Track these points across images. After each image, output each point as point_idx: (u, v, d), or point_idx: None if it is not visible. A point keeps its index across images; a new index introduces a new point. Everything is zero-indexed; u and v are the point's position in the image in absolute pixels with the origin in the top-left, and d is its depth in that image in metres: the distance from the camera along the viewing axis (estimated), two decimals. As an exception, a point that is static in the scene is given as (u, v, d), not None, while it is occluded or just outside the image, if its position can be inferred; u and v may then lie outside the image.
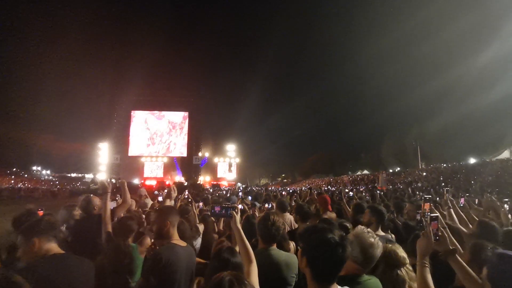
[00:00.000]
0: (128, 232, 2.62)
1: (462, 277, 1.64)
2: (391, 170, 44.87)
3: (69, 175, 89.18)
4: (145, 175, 33.20)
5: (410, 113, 61.47)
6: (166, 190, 3.89)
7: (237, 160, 39.25)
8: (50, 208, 3.96)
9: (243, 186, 32.06)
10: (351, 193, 8.10)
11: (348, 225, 3.33)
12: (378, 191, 10.91)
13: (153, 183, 29.29)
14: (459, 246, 1.93)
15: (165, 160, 34.95)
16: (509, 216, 3.66)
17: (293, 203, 5.88)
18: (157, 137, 35.13)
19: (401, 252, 1.97)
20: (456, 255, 1.67)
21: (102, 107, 36.37)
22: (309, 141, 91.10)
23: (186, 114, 36.10)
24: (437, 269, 1.78)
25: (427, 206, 2.10)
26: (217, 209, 2.09)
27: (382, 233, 2.93)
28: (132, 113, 34.64)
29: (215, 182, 33.07)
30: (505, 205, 4.22)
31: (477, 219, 3.18)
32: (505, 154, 33.14)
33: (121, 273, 2.07)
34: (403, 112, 67.12)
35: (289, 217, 4.24)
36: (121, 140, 34.06)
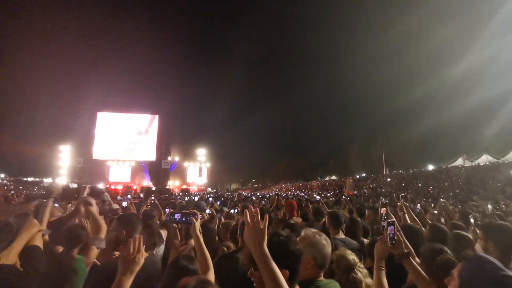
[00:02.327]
0: (76, 242, 2.41)
1: (414, 277, 1.74)
2: (357, 176, 46.55)
3: (25, 179, 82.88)
4: (111, 180, 31.72)
5: (376, 122, 64.59)
6: (129, 196, 3.73)
7: (208, 164, 38.86)
8: (3, 214, 3.66)
9: (213, 191, 31.75)
10: (318, 197, 8.30)
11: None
12: (344, 196, 11.27)
13: (119, 187, 28.03)
14: (412, 250, 2.04)
15: (133, 164, 33.69)
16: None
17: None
18: (124, 140, 33.80)
19: (350, 255, 2.07)
20: (410, 257, 1.77)
21: (64, 107, 34.50)
22: (280, 147, 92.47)
23: (155, 116, 35.18)
24: (392, 270, 1.87)
25: (383, 211, 2.20)
26: (177, 216, 2.04)
27: (342, 236, 3.03)
28: (97, 115, 33.12)
29: (184, 187, 32.38)
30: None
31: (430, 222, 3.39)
32: (459, 161, 35.86)
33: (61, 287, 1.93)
34: (369, 121, 70.63)
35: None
36: (85, 143, 32.39)
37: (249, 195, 18.65)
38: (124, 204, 6.15)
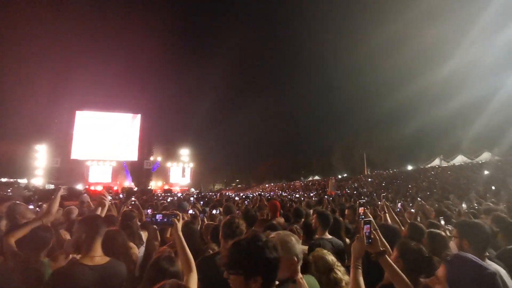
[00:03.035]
0: (41, 245, 2.29)
1: (390, 275, 1.78)
2: (340, 176, 47.39)
3: (-1, 179, 79.14)
4: (91, 181, 30.72)
5: (358, 124, 65.97)
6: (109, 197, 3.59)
7: (191, 165, 38.46)
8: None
9: (197, 191, 31.43)
10: (302, 198, 8.37)
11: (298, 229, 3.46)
12: (326, 196, 11.43)
13: (99, 188, 27.19)
14: (389, 247, 2.09)
15: (114, 164, 32.82)
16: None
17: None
18: (104, 139, 32.87)
19: (329, 256, 2.12)
20: (386, 255, 1.81)
21: (41, 105, 33.10)
22: (263, 147, 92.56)
23: (137, 116, 34.46)
24: (369, 268, 1.91)
25: (361, 210, 2.24)
26: (158, 217, 1.98)
27: (329, 236, 3.05)
28: (76, 113, 32.05)
29: (167, 188, 31.86)
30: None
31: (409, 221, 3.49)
32: (436, 162, 37.28)
33: None
34: (351, 123, 72.07)
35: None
36: (63, 142, 31.23)
37: (232, 195, 18.58)
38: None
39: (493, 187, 13.88)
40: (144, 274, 1.89)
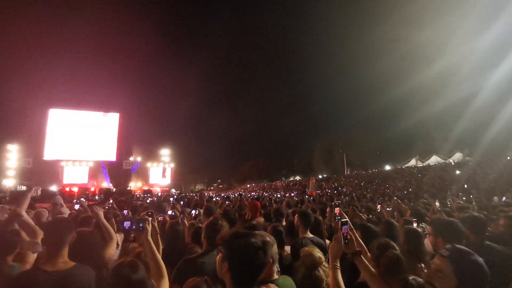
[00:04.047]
0: (8, 249, 2.18)
1: (365, 275, 1.83)
2: (320, 176, 48.09)
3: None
4: (66, 182, 29.59)
5: (338, 125, 67.27)
6: (82, 199, 3.46)
7: (172, 165, 37.88)
8: None
9: (177, 192, 30.98)
10: (282, 198, 8.40)
11: (281, 229, 3.45)
12: (307, 196, 11.57)
13: (75, 190, 26.22)
14: (365, 247, 2.14)
15: (91, 164, 31.74)
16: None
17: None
18: (79, 139, 31.68)
19: (317, 253, 2.15)
20: (361, 255, 1.85)
21: (12, 103, 31.48)
22: (245, 147, 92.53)
23: (116, 115, 33.48)
24: (346, 267, 1.95)
25: (337, 210, 2.27)
26: (126, 224, 1.89)
27: (310, 235, 3.08)
28: (49, 112, 30.75)
29: (147, 188, 31.19)
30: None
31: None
32: (412, 162, 38.71)
33: None
34: (331, 122, 73.45)
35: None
36: (35, 142, 29.89)
37: (213, 195, 18.44)
38: (77, 207, 5.77)
39: (465, 186, 14.55)
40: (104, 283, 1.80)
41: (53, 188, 26.38)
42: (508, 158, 18.96)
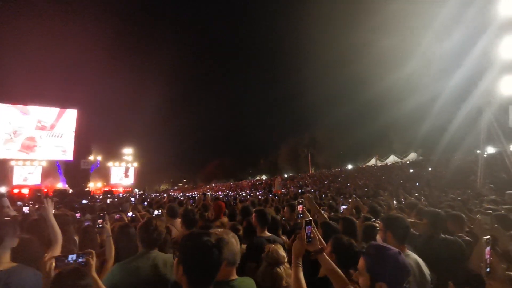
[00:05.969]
0: None
1: (326, 270, 1.89)
2: (286, 175, 49.00)
3: None
4: (15, 183, 27.31)
5: (303, 125, 68.83)
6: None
7: (135, 164, 36.48)
8: None
9: (141, 192, 29.89)
10: (248, 197, 8.44)
11: (239, 227, 3.49)
12: (271, 195, 11.75)
13: (25, 191, 24.21)
14: (325, 244, 2.22)
15: (44, 164, 29.45)
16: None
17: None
18: (31, 137, 29.24)
19: (282, 252, 2.21)
20: (323, 253, 1.91)
21: None
22: (211, 146, 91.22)
23: (73, 111, 31.29)
24: (306, 265, 1.99)
25: (300, 208, 2.32)
26: (70, 258, 1.61)
27: (268, 234, 3.11)
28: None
29: (107, 189, 29.68)
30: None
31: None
32: (372, 161, 40.87)
33: None
34: (296, 122, 75.04)
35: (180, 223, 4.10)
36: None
37: (178, 195, 18.04)
38: (25, 209, 5.38)
39: (417, 183, 15.61)
40: None
41: (2, 189, 24.20)
42: (458, 159, 20.74)
